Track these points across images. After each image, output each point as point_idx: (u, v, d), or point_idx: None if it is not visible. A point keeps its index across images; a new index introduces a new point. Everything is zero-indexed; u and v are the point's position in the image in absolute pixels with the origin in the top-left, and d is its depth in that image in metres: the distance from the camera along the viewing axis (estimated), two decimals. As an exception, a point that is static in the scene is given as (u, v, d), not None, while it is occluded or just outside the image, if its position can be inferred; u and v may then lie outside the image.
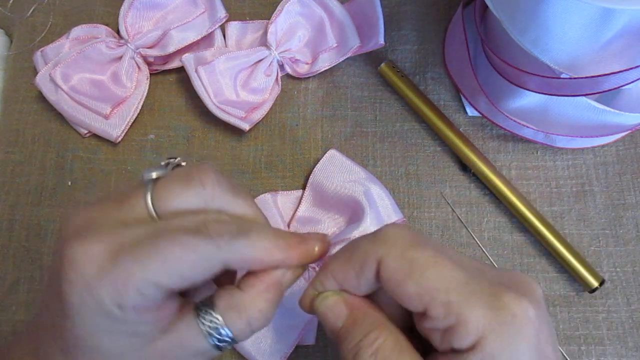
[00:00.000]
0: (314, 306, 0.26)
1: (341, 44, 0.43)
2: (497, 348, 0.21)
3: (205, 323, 0.25)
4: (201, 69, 0.41)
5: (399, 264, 0.23)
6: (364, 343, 0.23)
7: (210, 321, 0.25)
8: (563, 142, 0.41)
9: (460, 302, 0.22)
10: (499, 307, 0.22)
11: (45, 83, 0.42)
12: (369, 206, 0.38)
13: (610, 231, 0.41)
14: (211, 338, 0.25)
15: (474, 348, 0.21)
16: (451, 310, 0.22)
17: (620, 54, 0.31)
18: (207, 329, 0.25)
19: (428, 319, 0.23)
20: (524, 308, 0.22)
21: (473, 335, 0.21)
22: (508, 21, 0.33)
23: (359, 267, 0.24)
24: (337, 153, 0.41)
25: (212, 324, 0.25)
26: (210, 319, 0.25)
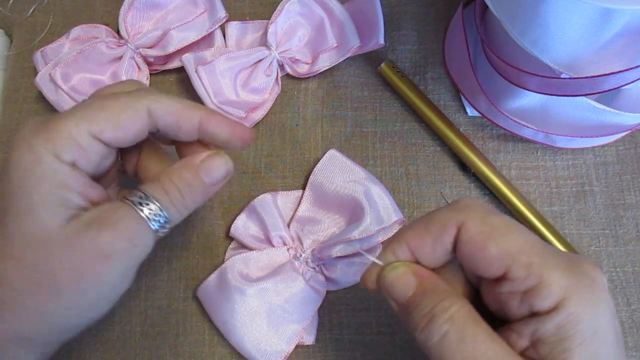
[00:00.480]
0: (382, 277, 0.26)
1: (341, 44, 0.43)
2: (579, 310, 0.22)
3: (134, 199, 0.26)
4: (201, 69, 0.41)
5: (480, 228, 0.24)
6: (438, 309, 0.23)
7: (140, 198, 0.26)
8: (563, 142, 0.41)
9: (542, 264, 0.22)
10: (579, 271, 0.23)
11: (45, 83, 0.42)
12: (369, 206, 0.38)
13: (610, 231, 0.41)
14: (141, 211, 0.25)
15: (556, 309, 0.22)
16: (532, 271, 0.22)
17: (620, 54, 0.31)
18: (137, 205, 0.25)
19: (508, 282, 0.23)
20: (601, 276, 0.23)
21: (555, 296, 0.22)
22: (508, 21, 0.33)
23: (437, 232, 0.25)
24: (337, 153, 0.41)
25: (141, 199, 0.26)
26: (139, 199, 0.26)
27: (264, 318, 0.37)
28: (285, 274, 0.38)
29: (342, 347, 0.39)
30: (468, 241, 0.24)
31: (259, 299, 0.37)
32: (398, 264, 0.25)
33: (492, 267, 0.23)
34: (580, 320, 0.22)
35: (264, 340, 0.37)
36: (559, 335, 0.22)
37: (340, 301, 0.39)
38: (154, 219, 0.26)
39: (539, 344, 0.22)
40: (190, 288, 0.40)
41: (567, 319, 0.22)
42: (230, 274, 0.37)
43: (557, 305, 0.22)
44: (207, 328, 0.39)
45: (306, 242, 0.39)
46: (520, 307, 0.23)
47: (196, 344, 0.39)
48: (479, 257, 0.23)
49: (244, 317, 0.37)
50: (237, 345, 0.37)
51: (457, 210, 0.25)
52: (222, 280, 0.38)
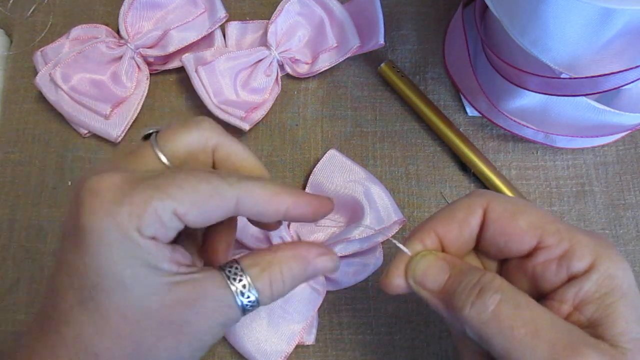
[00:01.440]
0: (412, 268, 0.25)
1: (341, 44, 0.43)
2: (611, 267, 0.23)
3: (235, 282, 0.24)
4: (201, 69, 0.41)
5: (506, 205, 0.25)
6: (486, 279, 0.23)
7: (240, 280, 0.24)
8: (563, 142, 0.41)
9: (569, 230, 0.24)
10: (599, 237, 0.24)
11: (45, 83, 0.42)
12: (369, 206, 0.38)
13: (610, 231, 0.41)
14: (235, 288, 0.24)
15: (591, 269, 0.23)
16: (563, 237, 0.24)
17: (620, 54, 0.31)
18: (238, 290, 0.24)
19: (541, 251, 0.24)
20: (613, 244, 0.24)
21: (589, 256, 0.23)
22: (508, 21, 0.33)
23: (464, 216, 0.26)
24: (337, 153, 0.41)
25: (240, 282, 0.24)
26: (240, 280, 0.24)
27: (264, 318, 0.37)
28: (285, 274, 0.38)
29: (342, 347, 0.39)
30: (497, 219, 0.25)
31: (259, 299, 0.37)
32: (426, 253, 0.26)
33: (524, 240, 0.24)
34: (615, 276, 0.23)
35: (264, 340, 0.37)
36: (601, 292, 0.23)
37: (340, 301, 0.39)
38: (244, 297, 0.25)
39: (583, 305, 0.23)
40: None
41: (603, 275, 0.23)
42: (230, 274, 0.37)
43: (591, 265, 0.23)
44: (207, 328, 0.39)
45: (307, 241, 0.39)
46: (558, 274, 0.24)
47: (196, 344, 0.39)
48: (509, 232, 0.24)
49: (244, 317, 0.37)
50: (237, 345, 0.37)
51: (479, 195, 0.26)
52: (222, 280, 0.38)
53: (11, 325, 0.39)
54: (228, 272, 0.25)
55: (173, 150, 0.25)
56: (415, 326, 0.39)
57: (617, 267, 0.23)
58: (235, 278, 0.24)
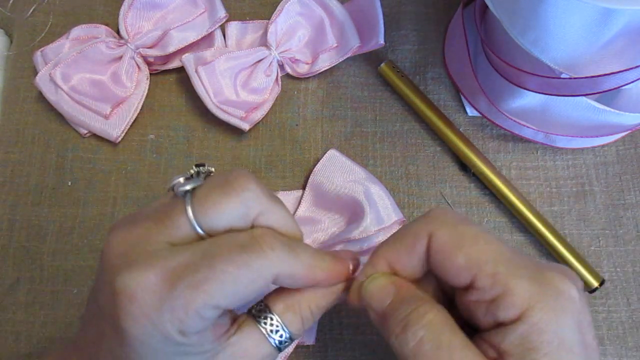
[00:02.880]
0: (362, 289, 0.26)
1: (341, 44, 0.43)
2: (543, 320, 0.21)
3: (266, 327, 0.26)
4: (201, 69, 0.41)
5: (449, 237, 0.24)
6: (414, 315, 0.23)
7: (271, 324, 0.26)
8: (563, 142, 0.41)
9: (507, 274, 0.22)
10: (544, 282, 0.22)
11: (45, 83, 0.42)
12: (369, 206, 0.38)
13: (610, 231, 0.41)
14: (273, 340, 0.25)
15: (520, 319, 0.22)
16: (498, 280, 0.22)
17: (620, 54, 0.31)
18: (268, 332, 0.25)
19: (474, 291, 0.23)
20: (568, 286, 0.22)
21: (519, 305, 0.22)
22: (508, 21, 0.33)
23: (410, 243, 0.25)
24: (337, 153, 0.41)
25: (272, 327, 0.26)
26: (270, 323, 0.26)
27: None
28: (285, 274, 0.38)
29: (342, 347, 0.39)
30: (437, 250, 0.24)
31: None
32: (377, 275, 0.26)
33: (459, 276, 0.23)
34: (544, 331, 0.21)
35: (264, 340, 0.37)
36: (524, 346, 0.21)
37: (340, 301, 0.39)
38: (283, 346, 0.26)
39: (506, 356, 0.22)
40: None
41: (530, 329, 0.21)
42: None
43: (520, 315, 0.22)
44: (207, 328, 0.39)
45: (306, 242, 0.39)
46: (486, 317, 0.23)
47: (196, 344, 0.39)
48: (447, 266, 0.24)
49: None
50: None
51: (428, 221, 0.25)
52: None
53: (11, 325, 0.39)
54: (264, 324, 0.26)
55: (211, 226, 0.24)
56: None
57: (551, 320, 0.21)
58: (272, 330, 0.26)
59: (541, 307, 0.22)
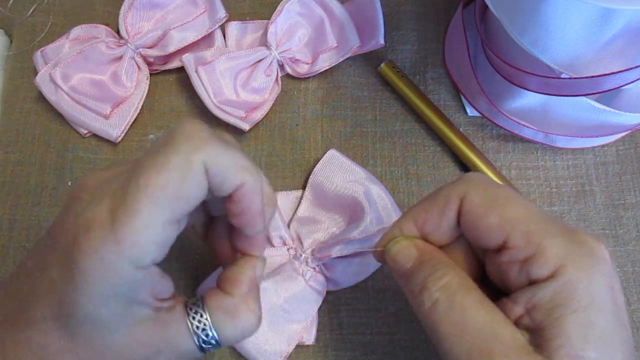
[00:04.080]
0: (387, 249, 0.27)
1: (341, 44, 0.43)
2: (575, 277, 0.22)
3: (193, 322, 0.25)
4: (201, 69, 0.41)
5: (481, 198, 0.24)
6: (431, 278, 0.24)
7: (199, 321, 0.25)
8: (563, 142, 0.41)
9: (541, 232, 0.23)
10: (578, 241, 0.23)
11: (45, 83, 0.42)
12: (369, 206, 0.38)
13: (610, 231, 0.41)
14: (197, 337, 0.25)
15: (553, 276, 0.22)
16: (532, 239, 0.23)
17: (620, 54, 0.31)
18: (195, 328, 0.25)
19: (507, 251, 0.23)
20: (601, 248, 0.23)
21: (552, 263, 0.22)
22: (508, 21, 0.33)
23: (442, 204, 0.25)
24: (337, 153, 0.41)
25: (200, 324, 0.25)
26: (199, 319, 0.25)
27: (264, 318, 0.37)
28: (285, 274, 0.38)
29: (342, 347, 0.39)
30: (469, 211, 0.24)
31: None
32: (401, 238, 0.27)
33: (492, 236, 0.24)
34: (576, 288, 0.22)
35: (264, 340, 0.37)
36: (554, 302, 0.22)
37: (340, 301, 0.39)
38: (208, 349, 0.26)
39: (534, 311, 0.22)
40: (190, 288, 0.40)
41: (562, 285, 0.22)
42: (230, 274, 0.37)
43: (554, 272, 0.22)
44: (207, 328, 0.39)
45: (306, 242, 0.39)
46: (519, 276, 0.23)
47: (196, 344, 0.39)
48: (479, 227, 0.24)
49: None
50: (237, 345, 0.37)
51: (460, 183, 0.25)
52: (222, 280, 0.38)
53: (11, 325, 0.39)
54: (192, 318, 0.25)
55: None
56: (416, 326, 0.39)
57: (583, 278, 0.22)
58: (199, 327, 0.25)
59: (575, 265, 0.22)
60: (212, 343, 0.25)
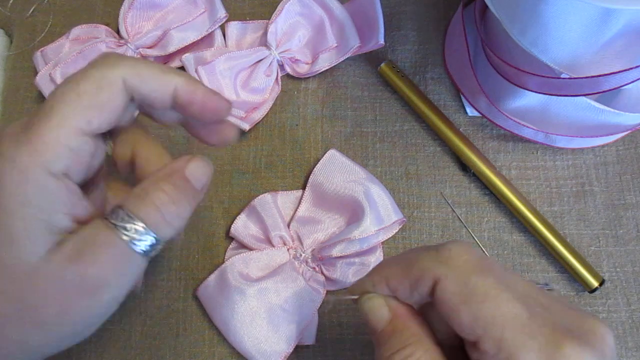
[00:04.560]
0: (359, 304, 0.25)
1: (341, 44, 0.43)
2: None
3: (117, 224, 0.23)
4: (201, 69, 0.41)
5: (456, 288, 0.22)
6: (398, 356, 0.23)
7: (121, 219, 0.23)
8: (563, 142, 0.41)
9: (516, 342, 0.20)
10: (556, 357, 0.20)
11: (45, 83, 0.42)
12: (369, 206, 0.38)
13: (610, 231, 0.41)
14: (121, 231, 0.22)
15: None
16: (503, 348, 0.20)
17: (620, 54, 0.31)
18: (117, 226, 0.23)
19: (478, 350, 0.21)
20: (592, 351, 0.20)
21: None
22: (508, 21, 0.33)
23: (414, 280, 0.23)
24: (337, 153, 0.41)
25: (116, 216, 0.23)
26: (121, 218, 0.23)
27: (264, 318, 0.37)
28: (285, 274, 0.38)
29: (342, 347, 0.39)
30: (441, 300, 0.22)
31: (259, 299, 0.37)
32: (374, 295, 0.25)
33: (463, 332, 0.22)
34: None
35: (264, 340, 0.37)
36: None
37: (340, 301, 0.39)
38: (141, 241, 0.23)
39: None
40: (190, 288, 0.40)
41: None
42: (230, 274, 0.37)
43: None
44: (207, 328, 0.39)
45: (306, 242, 0.39)
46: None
47: (196, 344, 0.39)
48: (450, 319, 0.22)
49: (244, 317, 0.37)
50: (237, 345, 0.37)
51: (439, 260, 0.23)
52: (222, 281, 0.38)
53: (11, 325, 0.39)
54: (114, 220, 0.23)
55: None
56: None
57: None
58: (123, 224, 0.23)
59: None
60: (150, 242, 0.23)
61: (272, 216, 0.39)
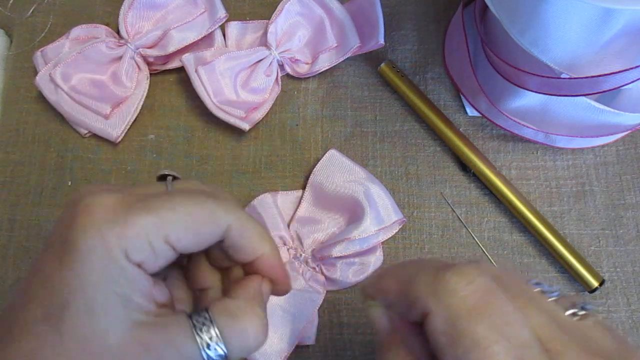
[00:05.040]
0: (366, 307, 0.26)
1: (341, 44, 0.43)
2: None
3: (197, 325, 0.23)
4: (201, 69, 0.41)
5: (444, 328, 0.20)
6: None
7: (203, 323, 0.23)
8: (563, 142, 0.41)
9: None
10: None
11: (45, 83, 0.42)
12: (369, 206, 0.38)
13: (610, 231, 0.41)
14: (201, 343, 0.23)
15: None
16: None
17: (620, 54, 0.31)
18: (198, 332, 0.23)
19: None
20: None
21: None
22: (508, 21, 0.33)
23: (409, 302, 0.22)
24: (337, 153, 0.41)
25: (203, 327, 0.23)
26: (202, 321, 0.23)
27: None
28: (285, 274, 0.38)
29: (342, 347, 0.39)
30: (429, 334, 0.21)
31: (259, 299, 0.37)
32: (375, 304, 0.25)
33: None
34: None
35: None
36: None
37: (340, 301, 0.39)
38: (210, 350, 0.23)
39: None
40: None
41: None
42: (230, 274, 0.37)
43: None
44: (207, 328, 0.39)
45: (306, 242, 0.39)
46: None
47: (196, 344, 0.39)
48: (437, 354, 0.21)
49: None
50: (237, 345, 0.37)
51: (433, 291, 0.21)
52: (222, 280, 0.38)
53: (11, 325, 0.39)
54: (196, 321, 0.23)
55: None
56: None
57: None
58: (202, 328, 0.23)
59: None
60: (219, 353, 0.23)
61: (272, 216, 0.39)
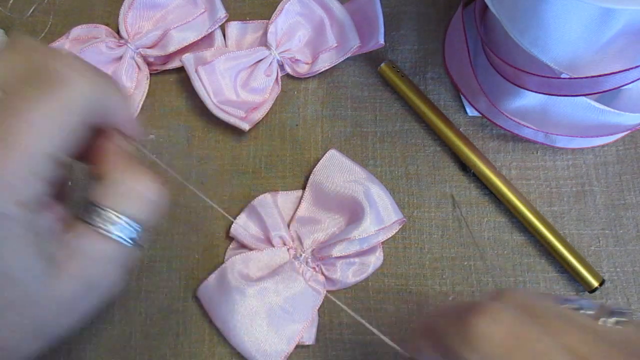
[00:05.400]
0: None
1: (341, 44, 0.43)
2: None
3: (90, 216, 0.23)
4: (201, 69, 0.41)
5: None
6: None
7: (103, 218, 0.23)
8: (563, 142, 0.41)
9: None
10: None
11: (45, 83, 0.42)
12: (369, 206, 0.38)
13: (610, 231, 0.41)
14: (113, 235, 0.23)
15: None
16: None
17: (620, 54, 0.31)
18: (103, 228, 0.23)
19: None
20: None
21: None
22: (508, 21, 0.33)
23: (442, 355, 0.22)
24: (337, 153, 0.41)
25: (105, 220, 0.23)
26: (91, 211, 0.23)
27: (264, 318, 0.37)
28: (285, 274, 0.38)
29: (342, 347, 0.39)
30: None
31: (259, 299, 0.37)
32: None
33: None
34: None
35: (264, 340, 0.37)
36: None
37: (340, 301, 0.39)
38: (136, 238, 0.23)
39: None
40: (190, 288, 0.40)
41: None
42: (230, 274, 0.37)
43: None
44: (207, 328, 0.39)
45: (306, 242, 0.39)
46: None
47: (196, 344, 0.39)
48: None
49: (244, 317, 0.37)
50: (237, 345, 0.37)
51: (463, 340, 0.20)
52: (222, 281, 0.38)
53: (11, 325, 0.39)
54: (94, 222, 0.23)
55: None
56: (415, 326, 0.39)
57: None
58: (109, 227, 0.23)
59: None
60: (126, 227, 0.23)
61: (272, 216, 0.39)
